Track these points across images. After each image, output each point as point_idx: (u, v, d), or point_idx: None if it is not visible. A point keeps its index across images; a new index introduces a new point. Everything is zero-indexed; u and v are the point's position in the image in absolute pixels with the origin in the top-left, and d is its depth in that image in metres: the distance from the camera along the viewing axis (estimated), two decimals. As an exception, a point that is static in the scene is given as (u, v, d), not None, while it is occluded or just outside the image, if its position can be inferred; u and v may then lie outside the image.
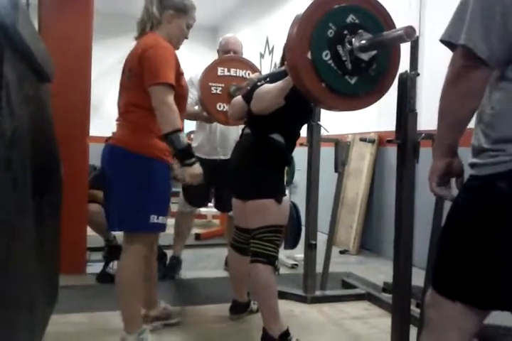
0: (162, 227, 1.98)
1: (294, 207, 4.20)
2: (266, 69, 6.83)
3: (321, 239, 3.02)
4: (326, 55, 1.71)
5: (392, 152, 1.94)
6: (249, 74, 2.85)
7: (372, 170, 4.33)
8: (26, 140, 1.09)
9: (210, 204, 3.27)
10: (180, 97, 2.01)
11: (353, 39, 1.72)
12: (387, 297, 2.65)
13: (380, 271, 3.48)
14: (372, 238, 4.34)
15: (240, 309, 2.50)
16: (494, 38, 0.99)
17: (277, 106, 1.99)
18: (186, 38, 2.12)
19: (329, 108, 1.95)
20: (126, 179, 1.93)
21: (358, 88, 1.78)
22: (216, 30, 8.56)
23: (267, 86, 2.03)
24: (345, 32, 1.72)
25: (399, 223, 1.89)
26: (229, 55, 2.90)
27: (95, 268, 3.21)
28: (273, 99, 1.97)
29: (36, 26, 3.32)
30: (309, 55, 1.69)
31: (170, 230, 2.69)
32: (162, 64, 1.86)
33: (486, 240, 1.03)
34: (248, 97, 2.10)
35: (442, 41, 1.09)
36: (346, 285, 3.08)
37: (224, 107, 2.79)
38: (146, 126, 1.93)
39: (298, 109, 2.06)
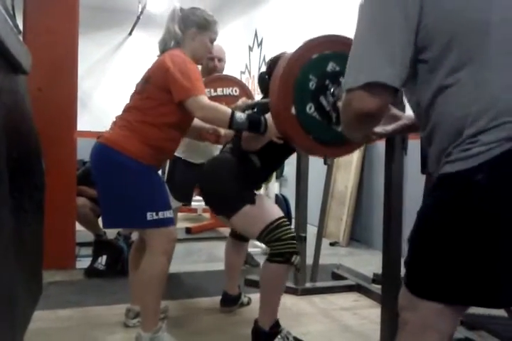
0: (166, 222, 1.96)
1: (283, 200, 4.25)
2: (255, 62, 6.81)
3: (311, 231, 3.03)
4: (310, 108, 1.71)
5: (381, 144, 1.94)
6: (236, 90, 2.84)
7: (361, 162, 4.34)
8: (0, 133, 1.06)
9: (199, 197, 3.25)
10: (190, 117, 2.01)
11: (335, 89, 1.69)
12: (376, 288, 2.67)
13: (369, 263, 3.50)
14: (362, 230, 4.36)
15: (230, 302, 2.50)
16: (398, 66, 0.99)
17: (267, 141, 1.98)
18: (210, 53, 2.13)
19: (320, 156, 1.96)
20: (114, 178, 1.92)
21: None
22: (204, 23, 8.49)
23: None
24: (327, 82, 1.70)
25: (388, 214, 1.90)
26: (211, 76, 2.86)
27: (85, 263, 3.20)
28: (257, 145, 1.99)
29: (21, 20, 3.28)
30: (293, 111, 1.69)
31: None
32: (189, 80, 1.87)
33: (462, 237, 0.99)
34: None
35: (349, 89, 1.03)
36: (336, 276, 3.10)
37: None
38: (138, 129, 1.92)
39: (281, 148, 2.04)
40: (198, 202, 4.81)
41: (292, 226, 2.81)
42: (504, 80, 0.97)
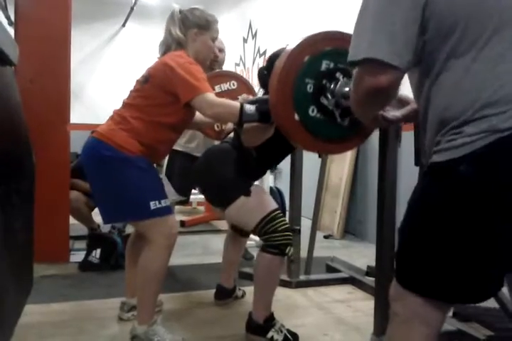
0: (167, 210, 1.95)
1: (278, 193, 4.24)
2: (249, 54, 6.78)
3: (305, 224, 3.03)
4: (313, 111, 1.69)
5: (375, 136, 1.94)
6: (233, 84, 2.82)
7: (355, 154, 4.34)
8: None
9: (194, 191, 3.25)
10: (187, 114, 2.00)
11: (335, 88, 1.68)
12: (370, 280, 2.68)
13: (363, 255, 3.51)
14: (356, 222, 4.37)
15: (225, 295, 2.51)
16: (400, 44, 0.98)
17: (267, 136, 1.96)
18: (214, 53, 2.10)
19: (333, 154, 1.96)
20: (109, 172, 1.90)
21: (353, 127, 1.77)
22: (198, 15, 8.44)
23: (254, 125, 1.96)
24: (324, 81, 1.69)
25: (381, 207, 1.90)
26: (208, 74, 2.84)
27: (79, 256, 3.19)
28: (259, 140, 1.96)
29: (13, 11, 3.25)
30: (296, 117, 1.68)
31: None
32: (195, 78, 1.85)
33: (444, 229, 1.00)
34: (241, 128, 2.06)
35: (351, 63, 1.04)
36: (330, 269, 3.10)
37: (218, 127, 2.73)
38: (133, 126, 1.90)
39: (281, 145, 2.03)
40: (192, 195, 4.80)
41: (286, 219, 2.83)
42: (491, 72, 0.96)
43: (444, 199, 0.99)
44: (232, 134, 2.21)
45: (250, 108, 1.84)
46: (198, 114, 2.07)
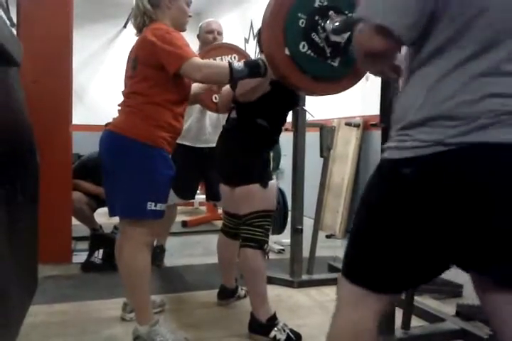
0: (159, 214, 1.94)
1: (280, 192, 4.23)
2: (251, 54, 6.77)
3: (307, 223, 3.02)
4: (304, 47, 1.69)
5: (377, 136, 1.94)
6: (235, 57, 2.81)
7: (357, 154, 4.34)
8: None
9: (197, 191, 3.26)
10: (185, 85, 2.01)
11: (326, 23, 1.69)
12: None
13: (366, 255, 3.50)
14: (358, 222, 4.36)
15: (227, 294, 2.51)
16: (411, 17, 0.95)
17: (263, 92, 1.98)
18: (190, 16, 2.09)
19: (319, 95, 1.95)
20: (123, 165, 1.90)
21: (343, 68, 1.77)
22: (199, 16, 8.45)
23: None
24: (317, 18, 1.69)
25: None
26: (208, 47, 2.85)
27: (81, 257, 3.19)
28: (257, 88, 1.97)
29: (15, 13, 3.25)
30: (287, 51, 1.68)
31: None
32: (176, 47, 1.85)
33: (378, 224, 1.05)
34: (235, 85, 2.09)
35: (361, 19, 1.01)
36: (332, 269, 3.10)
37: (216, 98, 2.74)
38: (145, 112, 1.90)
39: (283, 95, 2.05)
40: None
41: (289, 218, 2.83)
42: (454, 84, 0.95)
43: (384, 199, 1.04)
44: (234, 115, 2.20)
45: (239, 64, 1.86)
46: (193, 85, 2.07)
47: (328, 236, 4.28)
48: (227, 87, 2.21)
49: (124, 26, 8.36)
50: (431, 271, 1.07)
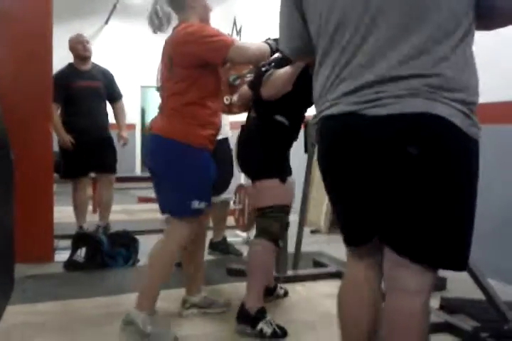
0: (201, 212, 2.01)
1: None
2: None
3: (292, 219, 3.02)
4: None
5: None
6: None
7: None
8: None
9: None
10: (217, 79, 2.05)
11: None
12: (358, 275, 2.67)
13: (351, 250, 3.51)
14: (343, 217, 4.37)
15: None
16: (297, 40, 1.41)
17: (286, 91, 2.03)
18: (211, 10, 2.15)
19: None
20: (171, 166, 1.96)
21: None
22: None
23: (278, 71, 2.04)
24: None
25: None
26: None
27: (64, 255, 3.15)
28: (285, 84, 2.02)
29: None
30: None
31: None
32: (214, 38, 1.92)
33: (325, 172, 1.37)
34: (256, 84, 2.13)
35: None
36: (318, 264, 3.11)
37: (228, 100, 2.71)
38: (187, 113, 1.96)
39: (303, 93, 2.05)
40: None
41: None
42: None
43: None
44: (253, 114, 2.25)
45: (272, 43, 1.98)
46: None
47: (312, 232, 4.29)
48: (245, 87, 2.27)
49: (106, 22, 8.27)
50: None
